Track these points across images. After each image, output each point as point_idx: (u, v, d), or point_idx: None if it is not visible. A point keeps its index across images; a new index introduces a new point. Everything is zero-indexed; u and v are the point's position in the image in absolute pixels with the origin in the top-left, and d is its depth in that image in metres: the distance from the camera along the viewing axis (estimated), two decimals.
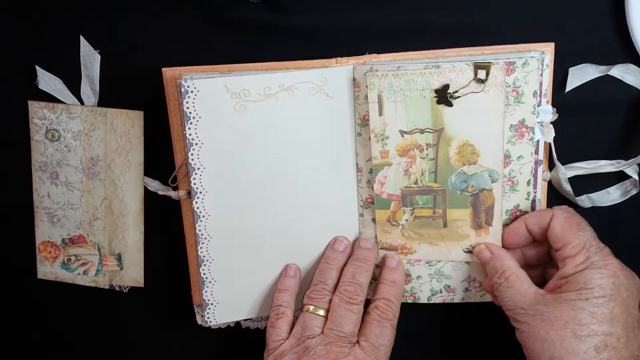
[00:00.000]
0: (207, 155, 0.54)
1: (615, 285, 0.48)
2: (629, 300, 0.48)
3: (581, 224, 0.51)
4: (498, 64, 0.50)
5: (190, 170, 0.54)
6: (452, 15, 0.54)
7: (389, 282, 0.57)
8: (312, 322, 0.55)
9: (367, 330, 0.54)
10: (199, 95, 0.52)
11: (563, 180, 0.55)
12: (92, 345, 0.66)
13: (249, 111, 0.53)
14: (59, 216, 0.61)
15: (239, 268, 0.58)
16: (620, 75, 0.54)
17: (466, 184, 0.54)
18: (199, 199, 0.55)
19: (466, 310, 0.61)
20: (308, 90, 0.54)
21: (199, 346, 0.65)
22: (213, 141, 0.54)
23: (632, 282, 0.49)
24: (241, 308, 0.59)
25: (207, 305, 0.58)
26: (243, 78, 0.53)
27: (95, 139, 0.59)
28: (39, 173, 0.60)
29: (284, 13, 0.55)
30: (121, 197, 0.60)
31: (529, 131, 0.52)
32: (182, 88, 0.52)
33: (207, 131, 0.53)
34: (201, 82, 0.52)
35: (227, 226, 0.56)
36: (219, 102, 0.53)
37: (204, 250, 0.56)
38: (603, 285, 0.48)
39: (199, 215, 0.55)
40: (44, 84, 0.58)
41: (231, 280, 0.58)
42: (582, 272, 0.49)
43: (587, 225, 0.51)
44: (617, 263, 0.49)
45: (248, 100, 0.53)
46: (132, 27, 0.57)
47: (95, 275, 0.62)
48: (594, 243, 0.50)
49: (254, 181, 0.55)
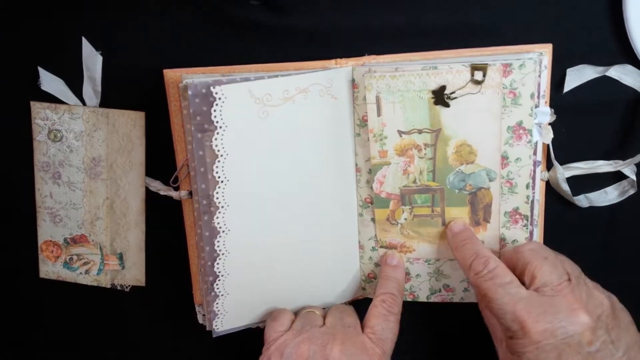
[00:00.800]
0: (231, 167, 0.51)
1: (540, 351, 0.46)
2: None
3: (490, 290, 0.49)
4: (495, 65, 0.51)
5: (211, 184, 0.52)
6: (452, 16, 0.54)
7: (392, 278, 0.57)
8: (314, 318, 0.55)
9: (374, 322, 0.54)
10: (227, 103, 0.50)
11: (561, 181, 0.55)
12: (93, 345, 0.66)
13: (270, 117, 0.52)
14: (61, 216, 0.61)
15: (252, 281, 0.57)
16: (618, 76, 0.54)
17: (464, 183, 0.54)
18: (221, 213, 0.52)
19: (465, 312, 0.61)
20: (318, 92, 0.53)
21: (199, 345, 0.65)
22: (238, 152, 0.51)
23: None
24: (248, 316, 0.59)
25: (216, 316, 0.56)
26: (266, 82, 0.51)
27: (97, 140, 0.59)
28: (41, 173, 0.60)
29: (284, 13, 0.55)
30: (123, 197, 0.60)
31: (526, 133, 0.52)
32: (210, 96, 0.49)
33: (232, 141, 0.51)
34: (228, 89, 0.49)
35: (246, 242, 0.55)
36: (244, 109, 0.51)
37: (221, 266, 0.54)
38: (527, 355, 0.47)
39: (219, 230, 0.53)
40: (47, 84, 0.58)
41: (243, 293, 0.57)
42: (510, 340, 0.48)
43: (502, 288, 0.49)
44: (536, 325, 0.46)
45: (270, 105, 0.51)
46: (133, 28, 0.57)
47: (97, 275, 0.63)
48: (507, 309, 0.48)
49: (273, 192, 0.54)
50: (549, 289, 0.47)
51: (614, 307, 0.48)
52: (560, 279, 0.48)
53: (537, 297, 0.47)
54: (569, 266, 0.50)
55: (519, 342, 0.47)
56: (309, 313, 0.55)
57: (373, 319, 0.54)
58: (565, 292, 0.47)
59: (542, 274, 0.48)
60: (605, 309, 0.47)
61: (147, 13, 0.57)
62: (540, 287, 0.48)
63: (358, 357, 0.50)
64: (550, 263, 0.49)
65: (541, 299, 0.47)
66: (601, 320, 0.47)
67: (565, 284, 0.47)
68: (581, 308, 0.46)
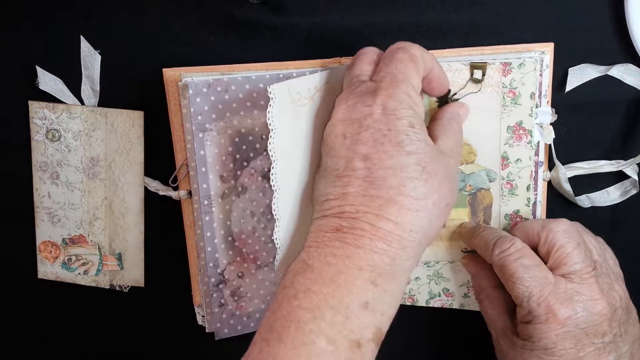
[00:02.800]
0: (280, 175, 0.48)
1: (558, 337, 0.46)
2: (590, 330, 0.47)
3: (518, 271, 0.48)
4: (494, 64, 0.50)
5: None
6: (452, 15, 0.54)
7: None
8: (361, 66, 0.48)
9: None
10: (277, 102, 0.47)
11: (563, 181, 0.55)
12: (92, 345, 0.66)
13: (300, 117, 0.49)
14: (59, 216, 0.61)
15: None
16: (620, 76, 0.54)
17: (464, 183, 0.54)
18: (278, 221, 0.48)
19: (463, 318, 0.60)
20: (328, 91, 0.53)
21: (199, 346, 0.65)
22: (283, 156, 0.48)
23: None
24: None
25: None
26: (299, 80, 0.49)
27: (95, 139, 0.59)
28: (40, 173, 0.60)
29: (284, 13, 0.55)
30: (121, 197, 0.60)
31: (526, 134, 0.52)
32: (266, 95, 0.47)
33: (280, 144, 0.47)
34: (277, 87, 0.46)
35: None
36: (285, 110, 0.48)
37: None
38: (545, 340, 0.47)
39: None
40: (45, 84, 0.58)
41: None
42: (526, 324, 0.48)
43: (530, 270, 0.48)
44: (562, 311, 0.46)
45: (299, 104, 0.49)
46: (132, 27, 0.57)
47: (95, 275, 0.62)
48: (534, 293, 0.47)
49: (301, 197, 0.51)
50: (576, 276, 0.47)
51: (628, 301, 0.49)
52: (588, 267, 0.47)
53: (564, 283, 0.47)
54: (596, 252, 0.50)
55: (538, 327, 0.46)
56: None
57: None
58: (591, 282, 0.47)
59: (573, 262, 0.47)
60: (622, 302, 0.48)
61: (146, 12, 0.57)
62: (568, 274, 0.47)
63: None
64: (582, 250, 0.48)
65: (567, 286, 0.47)
66: (617, 312, 0.47)
67: (592, 272, 0.47)
68: (603, 299, 0.46)
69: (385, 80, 0.44)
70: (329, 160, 0.45)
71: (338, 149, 0.44)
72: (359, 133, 0.43)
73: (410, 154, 0.42)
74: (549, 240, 0.49)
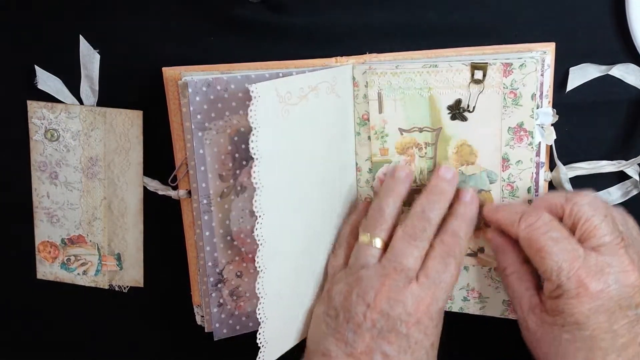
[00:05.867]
0: (264, 172, 0.47)
1: (591, 312, 0.45)
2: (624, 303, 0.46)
3: (547, 245, 0.47)
4: (495, 64, 0.50)
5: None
6: (453, 15, 0.54)
7: (460, 215, 0.51)
8: (367, 252, 0.50)
9: (428, 265, 0.49)
10: (260, 101, 0.46)
11: (564, 181, 0.55)
12: (91, 345, 0.66)
13: (291, 116, 0.49)
14: (58, 216, 0.61)
15: (289, 301, 0.53)
16: (621, 75, 0.54)
17: (465, 185, 0.54)
18: (260, 224, 0.48)
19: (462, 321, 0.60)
20: (326, 90, 0.53)
21: (198, 346, 0.65)
22: (268, 154, 0.47)
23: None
24: (289, 338, 0.55)
25: (263, 346, 0.52)
26: (288, 79, 0.49)
27: (94, 139, 0.59)
28: (38, 173, 0.60)
29: (284, 13, 0.55)
30: (120, 196, 0.60)
31: (527, 135, 0.52)
32: (250, 94, 0.46)
33: (264, 143, 0.47)
34: (261, 87, 0.46)
35: (283, 253, 0.51)
36: (271, 108, 0.48)
37: (261, 286, 0.49)
38: (577, 315, 0.46)
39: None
40: (43, 83, 0.58)
41: (282, 315, 0.53)
42: (555, 299, 0.47)
43: (559, 243, 0.47)
44: (593, 285, 0.45)
45: (289, 103, 0.49)
46: (131, 27, 0.57)
47: (94, 276, 0.62)
48: (564, 267, 0.46)
49: (296, 195, 0.51)
50: (605, 248, 0.46)
51: None
52: (617, 239, 0.46)
53: (594, 256, 0.46)
54: (620, 223, 0.48)
55: (569, 302, 0.46)
56: (363, 245, 0.52)
57: (428, 261, 0.50)
58: (621, 253, 0.46)
59: (602, 234, 0.46)
60: None
61: (145, 11, 0.57)
62: (598, 247, 0.46)
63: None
64: (609, 222, 0.47)
65: (598, 259, 0.46)
66: None
67: (621, 244, 0.46)
68: (635, 270, 0.46)
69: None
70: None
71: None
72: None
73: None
74: (575, 213, 0.48)
